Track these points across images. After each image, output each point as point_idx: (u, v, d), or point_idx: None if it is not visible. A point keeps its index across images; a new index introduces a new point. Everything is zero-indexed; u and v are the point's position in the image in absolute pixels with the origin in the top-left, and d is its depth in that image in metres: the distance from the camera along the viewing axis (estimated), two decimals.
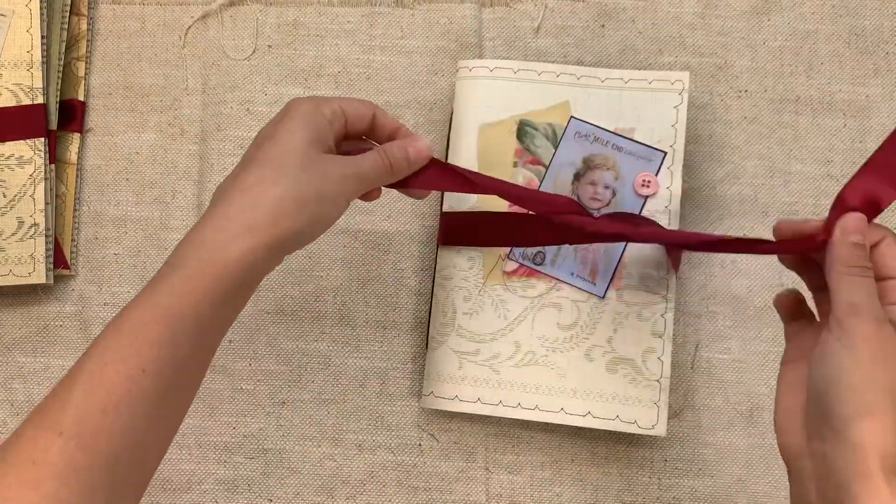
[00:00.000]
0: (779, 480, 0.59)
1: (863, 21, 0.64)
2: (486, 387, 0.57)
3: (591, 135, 0.59)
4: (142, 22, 0.65)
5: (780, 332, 0.60)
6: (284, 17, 0.65)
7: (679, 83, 0.59)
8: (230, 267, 0.40)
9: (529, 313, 0.58)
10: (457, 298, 0.58)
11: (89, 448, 0.37)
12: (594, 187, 0.59)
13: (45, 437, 0.36)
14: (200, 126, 0.63)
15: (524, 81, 0.60)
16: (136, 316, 0.39)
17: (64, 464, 0.36)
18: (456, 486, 0.59)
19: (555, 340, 0.57)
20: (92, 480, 0.36)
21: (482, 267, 0.59)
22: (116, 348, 0.38)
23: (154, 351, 0.38)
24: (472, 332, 0.58)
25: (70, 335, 0.61)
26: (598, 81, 0.60)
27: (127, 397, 0.38)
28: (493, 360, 0.58)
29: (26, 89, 0.61)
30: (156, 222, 0.63)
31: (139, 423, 0.38)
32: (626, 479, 0.59)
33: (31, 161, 0.60)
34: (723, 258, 0.61)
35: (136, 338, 0.38)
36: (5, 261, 0.59)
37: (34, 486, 0.36)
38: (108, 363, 0.38)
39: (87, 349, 0.39)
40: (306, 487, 0.60)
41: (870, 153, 0.62)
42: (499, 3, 0.65)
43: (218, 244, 0.41)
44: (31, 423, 0.38)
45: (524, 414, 0.57)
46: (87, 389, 0.37)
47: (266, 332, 0.61)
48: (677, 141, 0.59)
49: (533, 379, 0.57)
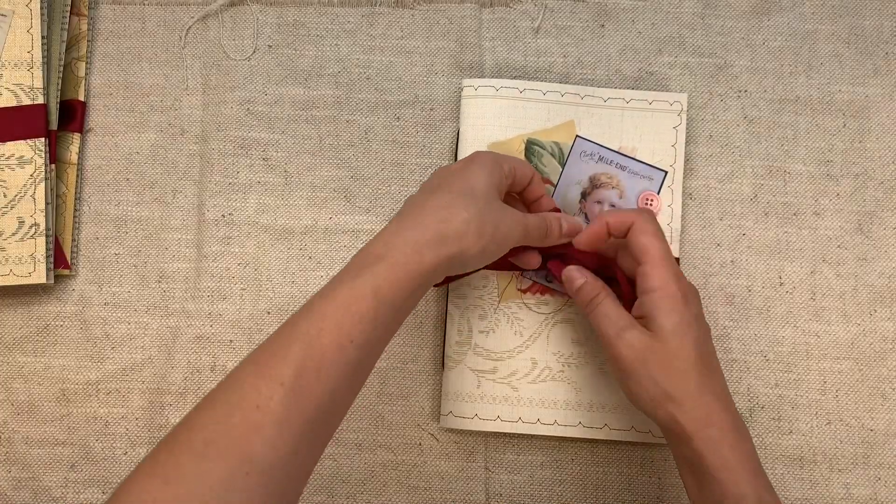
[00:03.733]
0: (779, 480, 0.59)
1: (863, 21, 0.64)
2: (505, 404, 0.58)
3: (596, 154, 0.60)
4: (142, 22, 0.65)
5: (780, 333, 0.61)
6: (284, 17, 0.65)
7: (678, 104, 0.60)
8: (423, 266, 0.46)
9: (544, 330, 0.59)
10: (472, 317, 0.59)
11: (301, 402, 0.40)
12: (600, 206, 0.60)
13: (267, 387, 0.40)
14: (201, 126, 0.63)
15: (530, 101, 0.61)
16: (346, 292, 0.44)
17: (283, 412, 0.40)
18: (456, 486, 0.60)
19: (570, 356, 0.59)
20: (302, 429, 0.40)
21: (496, 285, 0.59)
22: (332, 316, 0.43)
23: (361, 325, 0.43)
24: (489, 351, 0.59)
25: (70, 335, 0.61)
26: (601, 101, 0.61)
27: (336, 363, 0.42)
28: (510, 378, 0.58)
29: (27, 89, 0.61)
30: (156, 222, 0.63)
31: (340, 386, 0.42)
32: (627, 479, 0.59)
33: (32, 161, 0.60)
34: (723, 258, 0.61)
35: (349, 310, 0.43)
36: (6, 261, 0.59)
37: (258, 430, 0.39)
38: (324, 329, 0.42)
39: (295, 314, 0.44)
40: (306, 487, 0.59)
41: (869, 153, 0.63)
42: (499, 3, 0.65)
43: (417, 246, 0.46)
44: (250, 372, 0.41)
45: (544, 430, 0.58)
46: (305, 349, 0.41)
47: (266, 333, 0.61)
48: (677, 160, 0.60)
49: (551, 395, 0.58)
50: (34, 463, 0.60)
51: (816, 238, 0.62)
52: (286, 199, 0.62)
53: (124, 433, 0.60)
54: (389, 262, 0.45)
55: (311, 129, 0.63)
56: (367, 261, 0.46)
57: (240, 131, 0.63)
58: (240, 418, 0.39)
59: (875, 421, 0.60)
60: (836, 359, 0.60)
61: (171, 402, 0.60)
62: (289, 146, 0.63)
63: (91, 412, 0.60)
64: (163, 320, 0.61)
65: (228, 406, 0.40)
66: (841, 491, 0.59)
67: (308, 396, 0.41)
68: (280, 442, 0.40)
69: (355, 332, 0.43)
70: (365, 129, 0.63)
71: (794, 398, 0.60)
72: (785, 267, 0.61)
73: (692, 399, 0.48)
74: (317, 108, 0.64)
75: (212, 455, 0.38)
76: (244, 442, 0.39)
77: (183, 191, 0.63)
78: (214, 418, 0.40)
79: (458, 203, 0.48)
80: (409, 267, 0.45)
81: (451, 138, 0.63)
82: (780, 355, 0.61)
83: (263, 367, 0.41)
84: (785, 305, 0.61)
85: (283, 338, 0.43)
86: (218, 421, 0.40)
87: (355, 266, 0.46)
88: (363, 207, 0.62)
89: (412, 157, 0.63)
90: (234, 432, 0.39)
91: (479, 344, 0.59)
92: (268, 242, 0.62)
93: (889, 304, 0.61)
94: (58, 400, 0.61)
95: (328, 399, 0.42)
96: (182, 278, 0.62)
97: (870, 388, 0.60)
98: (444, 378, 0.59)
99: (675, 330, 0.49)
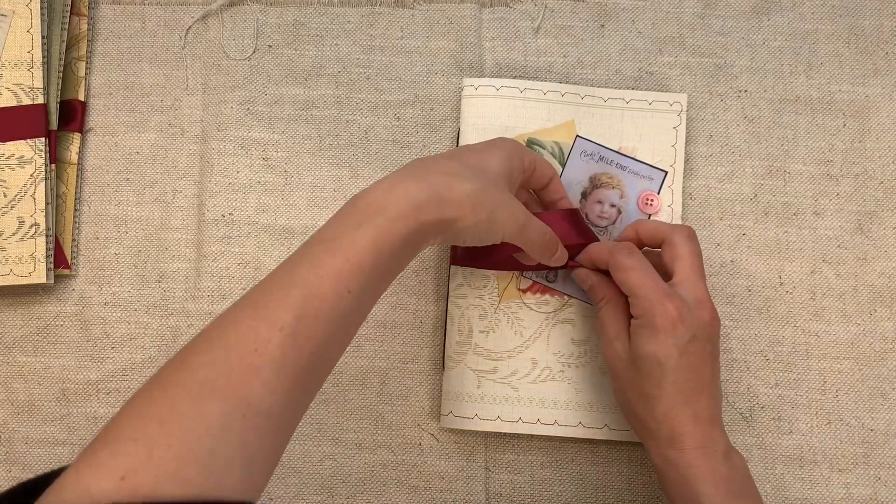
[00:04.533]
0: (779, 480, 0.59)
1: (863, 21, 0.64)
2: (506, 404, 0.58)
3: (596, 153, 0.60)
4: (142, 22, 0.65)
5: (780, 333, 0.61)
6: (284, 17, 0.65)
7: (677, 105, 0.60)
8: (421, 223, 0.46)
9: (545, 330, 0.59)
10: (472, 317, 0.59)
11: (299, 346, 0.40)
12: (601, 206, 0.60)
13: (266, 330, 0.40)
14: (201, 126, 0.63)
15: (530, 100, 0.61)
16: (348, 241, 0.44)
17: (281, 356, 0.40)
18: (456, 486, 0.60)
19: (570, 356, 0.59)
20: (297, 375, 0.40)
21: (496, 285, 0.59)
22: (332, 264, 0.43)
23: (360, 276, 0.43)
24: (489, 350, 0.58)
25: (70, 335, 0.61)
26: (601, 101, 0.61)
27: (333, 310, 0.42)
28: (511, 378, 0.58)
29: (27, 89, 0.61)
30: (156, 222, 0.63)
31: (335, 332, 0.43)
32: (627, 479, 0.59)
33: (32, 161, 0.60)
34: (723, 258, 0.61)
35: (349, 260, 0.43)
36: (6, 261, 0.59)
37: (255, 373, 0.39)
38: (325, 277, 0.42)
39: (292, 258, 0.44)
40: (307, 487, 0.60)
41: (869, 153, 0.63)
42: (499, 3, 0.65)
43: (416, 202, 0.45)
44: (248, 315, 0.41)
45: (544, 430, 0.58)
46: (305, 295, 0.41)
47: None
48: (677, 160, 0.60)
49: (551, 395, 0.58)
50: (34, 463, 0.60)
51: (816, 238, 0.62)
52: (286, 199, 0.63)
53: None
54: (389, 216, 0.45)
55: (311, 129, 0.63)
56: (367, 211, 0.45)
57: (240, 131, 0.63)
58: (237, 360, 0.39)
59: (875, 421, 0.60)
60: (836, 359, 0.60)
61: None
62: (289, 146, 0.63)
63: (91, 412, 0.60)
64: (163, 320, 0.61)
65: (225, 348, 0.40)
66: (841, 491, 0.59)
67: (305, 342, 0.41)
68: (278, 385, 0.39)
69: (353, 282, 0.43)
70: (365, 129, 0.63)
71: (794, 398, 0.60)
72: (785, 267, 0.61)
73: (656, 421, 0.50)
74: (317, 108, 0.64)
75: (208, 396, 0.38)
76: (242, 384, 0.38)
77: (183, 191, 0.63)
78: (212, 359, 0.39)
79: (465, 174, 0.48)
80: (408, 222, 0.45)
81: (452, 138, 0.63)
82: (780, 355, 0.61)
83: (262, 310, 0.41)
84: (785, 305, 0.61)
85: (282, 282, 0.42)
86: (215, 361, 0.39)
87: (355, 214, 0.45)
88: None
89: (412, 157, 0.63)
90: (232, 374, 0.39)
91: (480, 344, 0.59)
92: (268, 242, 0.62)
93: (889, 304, 0.61)
94: (58, 400, 0.61)
95: (322, 347, 0.42)
96: (182, 278, 0.62)
97: (870, 388, 0.60)
98: (444, 378, 0.59)
99: (648, 354, 0.50)
